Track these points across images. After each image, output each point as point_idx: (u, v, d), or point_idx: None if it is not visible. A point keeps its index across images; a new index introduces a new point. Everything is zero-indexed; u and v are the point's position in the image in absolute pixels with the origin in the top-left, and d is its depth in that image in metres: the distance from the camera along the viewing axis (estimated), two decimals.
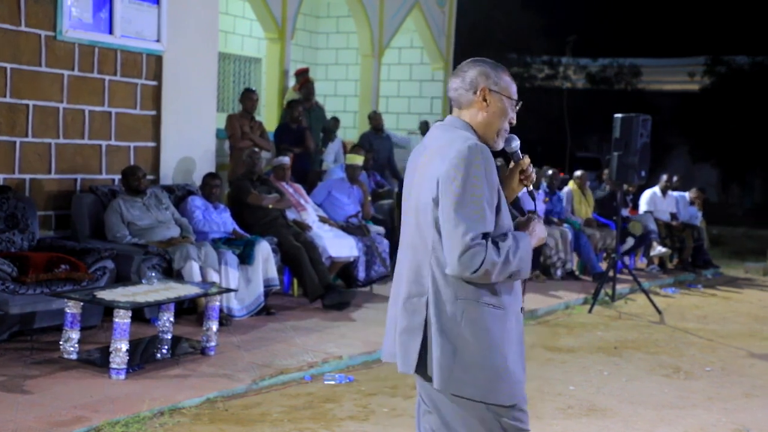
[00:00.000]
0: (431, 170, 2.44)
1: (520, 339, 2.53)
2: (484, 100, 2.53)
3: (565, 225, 10.40)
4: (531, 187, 2.72)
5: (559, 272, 10.07)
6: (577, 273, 10.44)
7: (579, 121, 25.72)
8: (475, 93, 2.53)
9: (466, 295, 2.41)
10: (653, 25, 29.29)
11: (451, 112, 2.63)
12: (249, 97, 8.73)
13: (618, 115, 8.79)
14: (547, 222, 10.37)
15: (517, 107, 2.59)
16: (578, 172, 11.39)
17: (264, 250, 6.88)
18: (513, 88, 2.57)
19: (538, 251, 9.94)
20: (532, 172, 2.72)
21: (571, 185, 11.17)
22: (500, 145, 2.61)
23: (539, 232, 2.57)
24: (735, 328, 8.06)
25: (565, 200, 10.91)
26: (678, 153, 24.26)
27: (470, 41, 19.79)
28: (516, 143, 2.65)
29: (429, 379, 2.46)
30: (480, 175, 2.37)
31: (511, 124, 2.60)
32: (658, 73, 26.92)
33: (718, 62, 25.40)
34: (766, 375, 6.25)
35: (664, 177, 12.21)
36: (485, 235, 2.36)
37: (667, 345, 7.08)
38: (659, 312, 8.30)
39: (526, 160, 2.69)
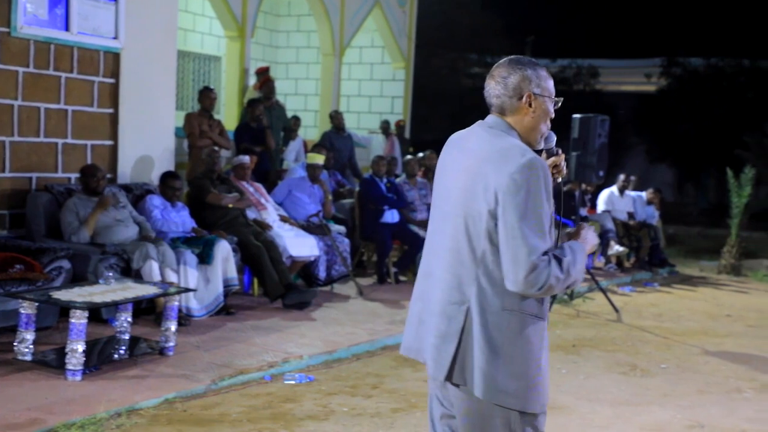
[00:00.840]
0: (486, 179, 2.40)
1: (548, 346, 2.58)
2: (530, 105, 2.51)
3: None
4: (560, 179, 2.73)
5: None
6: None
7: None
8: (519, 99, 2.50)
9: (512, 306, 2.41)
10: (611, 26, 29.65)
11: (486, 112, 2.58)
12: (207, 96, 8.67)
13: (576, 116, 8.88)
14: None
15: (558, 104, 2.58)
16: None
17: (224, 249, 6.84)
18: (552, 86, 2.56)
19: None
20: (564, 166, 2.73)
21: None
22: (542, 145, 2.60)
23: (591, 239, 2.61)
24: (690, 326, 8.20)
25: None
26: (635, 153, 24.58)
27: (431, 41, 19.86)
28: (553, 139, 2.66)
29: (457, 385, 2.47)
30: (540, 192, 2.37)
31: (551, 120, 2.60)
32: (615, 74, 27.25)
33: (673, 64, 25.79)
34: (719, 372, 6.37)
35: (622, 177, 12.37)
36: (545, 252, 2.37)
37: (623, 343, 7.18)
38: (616, 310, 8.42)
39: (562, 155, 2.70)
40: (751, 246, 14.15)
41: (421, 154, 10.29)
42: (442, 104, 23.89)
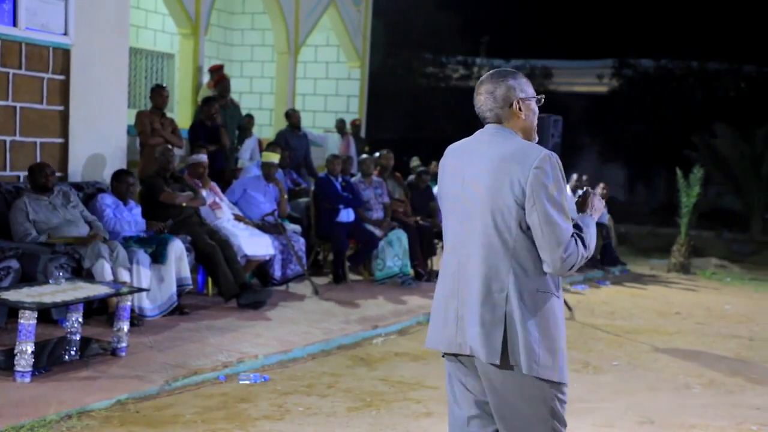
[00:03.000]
0: (511, 176, 2.66)
1: None
2: (520, 109, 2.80)
3: None
4: None
5: None
6: None
7: None
8: (510, 107, 2.80)
9: (543, 288, 2.70)
10: (564, 28, 30.01)
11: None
12: (159, 94, 8.57)
13: None
14: None
15: (541, 101, 2.88)
16: None
17: (177, 248, 6.76)
18: (532, 87, 2.86)
19: None
20: None
21: None
22: (537, 138, 2.86)
23: (598, 206, 2.89)
24: (640, 324, 8.34)
25: None
26: (588, 153, 24.89)
27: (386, 40, 19.90)
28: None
29: (509, 366, 2.67)
30: (560, 181, 2.68)
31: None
32: (568, 75, 27.59)
33: (624, 65, 26.19)
34: (669, 368, 6.49)
35: (574, 176, 12.52)
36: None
37: (576, 341, 7.27)
38: (569, 308, 8.52)
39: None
40: (700, 245, 14.45)
41: (377, 154, 10.29)
42: (397, 104, 23.94)
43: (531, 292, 2.68)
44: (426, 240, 9.75)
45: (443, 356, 2.91)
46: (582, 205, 2.87)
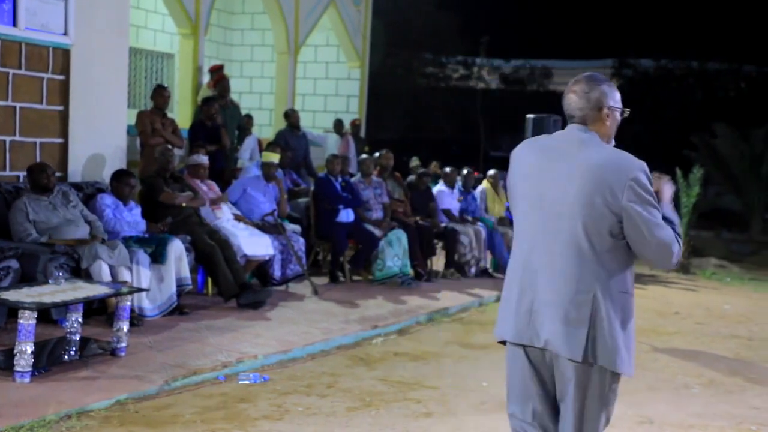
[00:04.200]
0: (609, 183, 2.77)
1: None
2: (607, 116, 2.92)
3: (479, 223, 10.57)
4: None
5: (473, 270, 10.23)
6: (490, 271, 10.62)
7: (493, 121, 26.16)
8: (599, 111, 2.91)
9: (624, 289, 2.85)
10: (564, 28, 30.01)
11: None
12: (160, 94, 8.57)
13: (530, 116, 8.94)
14: (462, 220, 10.53)
15: (625, 114, 3.00)
16: (492, 171, 11.58)
17: (177, 248, 6.77)
18: (620, 98, 2.97)
19: (453, 249, 10.08)
20: None
21: (485, 184, 11.36)
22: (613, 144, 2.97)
23: (668, 190, 3.05)
24: (640, 324, 8.32)
25: (479, 199, 11.08)
26: None
27: (386, 40, 19.90)
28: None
29: (588, 361, 2.82)
30: (651, 189, 2.81)
31: None
32: (568, 75, 27.55)
33: (624, 65, 26.22)
34: (668, 369, 6.50)
35: None
36: None
37: None
38: None
39: None
40: (700, 244, 14.44)
41: (376, 154, 10.30)
42: (397, 104, 23.95)
43: (615, 293, 2.82)
44: (426, 240, 9.76)
45: (505, 344, 3.03)
46: (657, 194, 2.95)
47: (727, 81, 25.72)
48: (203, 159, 8.00)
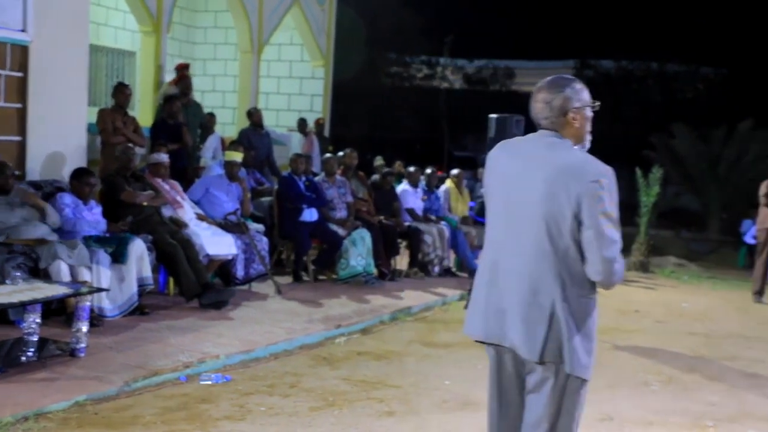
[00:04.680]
0: (568, 187, 2.77)
1: None
2: (574, 118, 2.92)
3: (443, 223, 10.61)
4: None
5: (436, 269, 10.26)
6: (453, 270, 10.67)
7: (456, 121, 26.29)
8: (565, 116, 2.91)
9: (586, 294, 2.88)
10: (526, 29, 30.24)
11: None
12: (122, 92, 8.48)
13: (493, 116, 9.01)
14: (425, 220, 10.56)
15: (596, 107, 2.99)
16: (455, 171, 11.64)
17: (138, 248, 6.69)
18: (587, 93, 2.96)
19: (417, 248, 10.11)
20: None
21: (449, 183, 11.40)
22: (589, 144, 3.00)
23: None
24: (600, 322, 8.35)
25: (443, 198, 11.13)
26: None
27: (350, 39, 19.87)
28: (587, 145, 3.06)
29: (548, 363, 2.85)
30: (615, 196, 2.81)
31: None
32: (530, 75, 27.80)
33: (586, 66, 26.51)
34: (628, 366, 6.58)
35: None
36: None
37: None
38: None
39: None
40: (659, 243, 14.65)
41: (340, 153, 10.29)
42: (361, 103, 23.94)
43: (576, 296, 2.84)
44: (389, 239, 9.77)
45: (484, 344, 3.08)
46: None
47: (686, 82, 26.13)
48: (164, 157, 7.92)
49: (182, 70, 10.36)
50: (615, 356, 6.90)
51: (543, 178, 2.82)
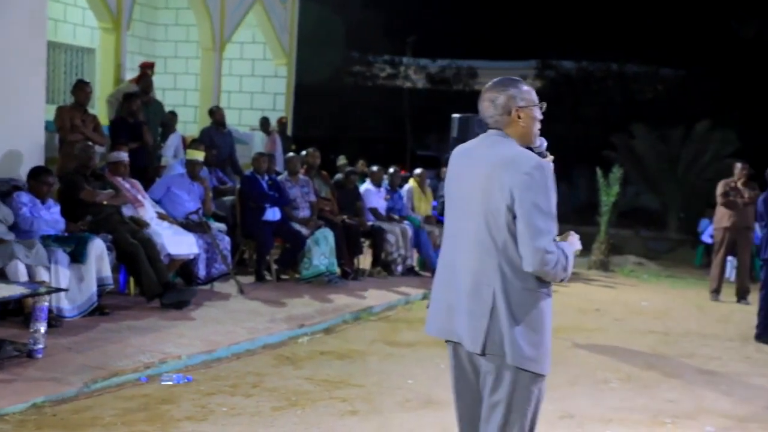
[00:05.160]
0: (501, 180, 2.84)
1: None
2: (519, 117, 2.97)
3: (406, 222, 10.64)
4: None
5: (399, 268, 10.28)
6: (416, 269, 10.70)
7: (419, 120, 26.35)
8: (509, 114, 2.97)
9: (530, 286, 2.88)
10: (489, 29, 30.41)
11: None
12: (81, 89, 8.37)
13: (456, 115, 9.06)
14: (389, 219, 10.57)
15: (543, 108, 3.05)
16: (418, 170, 11.67)
17: (97, 247, 6.61)
18: (534, 94, 3.03)
19: (380, 248, 10.12)
20: (552, 167, 3.06)
21: (412, 183, 11.44)
22: (538, 143, 3.06)
23: (576, 243, 3.09)
24: (561, 321, 8.50)
25: (406, 198, 11.16)
26: None
27: (313, 38, 19.82)
28: (544, 144, 3.15)
29: (492, 356, 2.90)
30: (548, 188, 2.84)
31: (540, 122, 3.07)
32: (493, 75, 27.72)
33: (547, 66, 26.74)
34: (588, 364, 6.66)
35: None
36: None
37: None
38: None
39: (550, 158, 3.12)
40: (619, 242, 14.85)
41: (303, 152, 10.26)
42: (324, 102, 23.88)
43: (518, 289, 2.88)
44: (352, 239, 9.77)
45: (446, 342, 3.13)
46: (562, 240, 3.03)
47: (645, 83, 26.48)
48: (123, 156, 7.83)
49: (146, 69, 10.25)
50: (575, 354, 6.97)
51: (482, 174, 2.91)
